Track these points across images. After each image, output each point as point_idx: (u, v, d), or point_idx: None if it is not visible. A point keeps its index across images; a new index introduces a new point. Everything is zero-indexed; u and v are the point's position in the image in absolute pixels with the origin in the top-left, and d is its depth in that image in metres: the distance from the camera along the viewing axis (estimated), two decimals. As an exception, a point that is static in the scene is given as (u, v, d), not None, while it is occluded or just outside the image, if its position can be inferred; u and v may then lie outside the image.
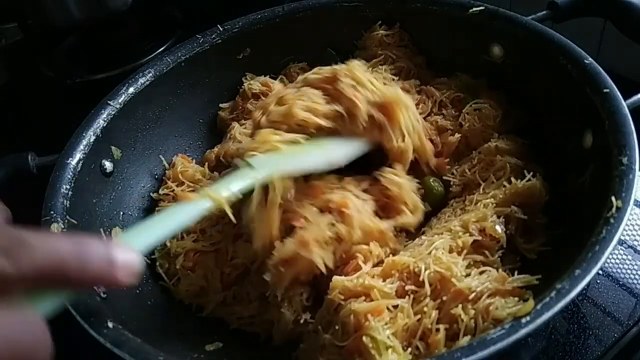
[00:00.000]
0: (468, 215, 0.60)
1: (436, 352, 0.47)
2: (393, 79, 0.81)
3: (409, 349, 0.49)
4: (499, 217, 0.59)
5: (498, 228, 0.58)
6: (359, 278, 0.54)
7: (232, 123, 0.83)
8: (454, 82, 0.80)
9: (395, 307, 0.51)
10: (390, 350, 0.48)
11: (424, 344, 0.49)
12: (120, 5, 1.13)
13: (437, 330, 0.49)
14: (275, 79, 0.87)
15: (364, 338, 0.48)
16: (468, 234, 0.58)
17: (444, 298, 0.51)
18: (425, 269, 0.52)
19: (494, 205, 0.61)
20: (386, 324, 0.49)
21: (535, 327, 0.42)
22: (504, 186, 0.63)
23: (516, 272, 0.52)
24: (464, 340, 0.46)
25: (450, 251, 0.56)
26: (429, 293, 0.51)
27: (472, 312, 0.48)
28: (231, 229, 0.67)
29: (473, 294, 0.49)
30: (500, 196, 0.62)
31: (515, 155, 0.67)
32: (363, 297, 0.52)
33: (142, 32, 1.25)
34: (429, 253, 0.55)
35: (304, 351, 0.56)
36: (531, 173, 0.62)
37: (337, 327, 0.52)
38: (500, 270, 0.54)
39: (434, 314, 0.50)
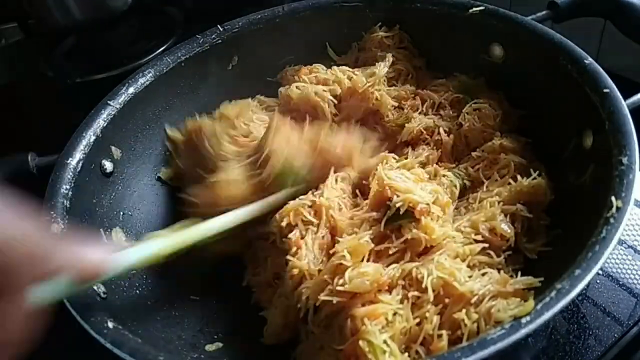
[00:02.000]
0: (477, 215, 0.60)
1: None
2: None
3: (408, 353, 0.48)
4: (505, 215, 0.59)
5: (505, 227, 0.58)
6: None
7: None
8: (453, 83, 0.80)
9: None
10: (387, 354, 0.47)
11: (425, 350, 0.49)
12: (120, 5, 1.13)
13: (440, 336, 0.48)
14: (273, 79, 0.87)
15: (360, 342, 0.48)
16: (480, 236, 0.57)
17: (446, 301, 0.50)
18: (428, 275, 0.52)
19: (501, 203, 0.60)
20: (383, 327, 0.49)
21: (535, 327, 0.42)
22: (509, 184, 0.62)
23: (519, 273, 0.52)
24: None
25: (455, 257, 0.55)
26: (431, 299, 0.51)
27: (475, 315, 0.48)
28: None
29: (475, 297, 0.49)
30: (505, 194, 0.61)
31: (519, 154, 0.67)
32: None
33: (142, 32, 1.25)
34: (432, 259, 0.54)
35: (303, 351, 0.56)
36: (537, 172, 0.62)
37: (334, 330, 0.51)
38: (502, 271, 0.54)
39: (436, 319, 0.49)
